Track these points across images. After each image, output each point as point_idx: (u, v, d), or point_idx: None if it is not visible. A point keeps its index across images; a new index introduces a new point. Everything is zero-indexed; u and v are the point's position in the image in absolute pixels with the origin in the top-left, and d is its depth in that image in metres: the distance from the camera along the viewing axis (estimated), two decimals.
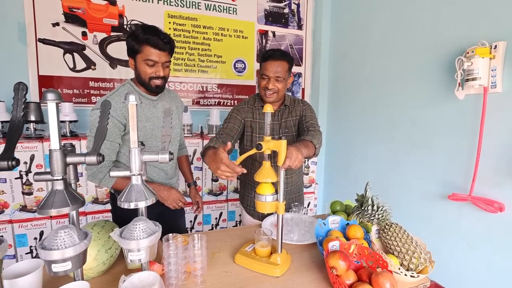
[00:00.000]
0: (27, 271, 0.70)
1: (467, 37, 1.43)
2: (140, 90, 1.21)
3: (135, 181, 0.66)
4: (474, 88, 1.35)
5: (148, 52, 1.10)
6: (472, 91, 1.38)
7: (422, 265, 0.94)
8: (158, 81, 1.17)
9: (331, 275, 0.85)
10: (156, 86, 1.17)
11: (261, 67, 1.33)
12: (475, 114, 1.39)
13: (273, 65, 1.27)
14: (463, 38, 1.45)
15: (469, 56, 1.33)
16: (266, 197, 0.94)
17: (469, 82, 1.33)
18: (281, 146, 0.91)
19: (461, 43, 1.44)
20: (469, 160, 1.43)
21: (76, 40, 1.94)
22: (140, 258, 0.66)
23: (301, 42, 2.64)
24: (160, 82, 1.18)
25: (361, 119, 2.18)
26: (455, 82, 1.41)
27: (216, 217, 2.21)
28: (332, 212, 1.26)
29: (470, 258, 1.47)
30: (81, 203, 0.61)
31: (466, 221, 1.47)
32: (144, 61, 1.12)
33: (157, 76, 1.15)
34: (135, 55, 1.13)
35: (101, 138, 0.65)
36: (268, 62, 1.29)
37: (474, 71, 1.30)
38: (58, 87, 1.94)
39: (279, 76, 1.28)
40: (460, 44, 1.45)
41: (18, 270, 0.71)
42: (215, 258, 1.01)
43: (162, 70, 1.15)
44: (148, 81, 1.16)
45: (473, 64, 1.30)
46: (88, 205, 1.80)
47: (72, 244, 0.60)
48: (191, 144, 2.04)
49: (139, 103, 0.63)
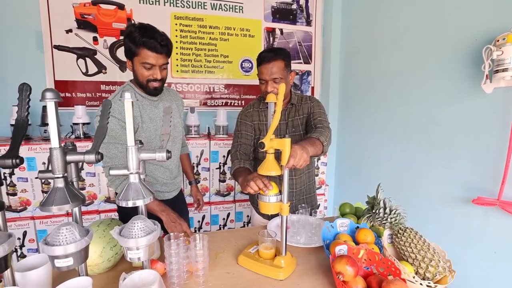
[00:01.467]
0: (38, 265, 0.74)
1: (496, 23, 1.32)
2: (140, 92, 1.23)
3: (132, 180, 0.69)
4: (505, 80, 1.25)
5: (145, 55, 1.11)
6: (502, 84, 1.27)
7: (440, 274, 0.88)
8: (156, 83, 1.18)
9: (337, 281, 0.83)
10: (154, 88, 1.19)
11: (258, 72, 1.32)
12: (505, 109, 1.29)
13: (267, 67, 1.25)
14: (491, 24, 1.34)
15: (499, 45, 1.23)
16: (270, 198, 0.94)
17: (498, 73, 1.23)
18: (285, 145, 0.91)
19: (489, 31, 1.33)
20: (497, 161, 1.33)
21: (88, 45, 2.05)
22: (139, 257, 0.68)
23: (310, 39, 2.60)
24: (158, 84, 1.19)
25: (375, 118, 2.12)
26: (481, 74, 1.31)
27: (223, 217, 2.24)
28: (341, 214, 1.23)
29: (498, 268, 1.37)
30: (81, 201, 0.64)
31: (493, 227, 1.38)
32: (141, 64, 1.13)
33: (154, 78, 1.16)
34: (132, 57, 1.14)
35: (101, 137, 0.68)
36: (262, 66, 1.28)
37: (506, 61, 1.20)
38: (72, 91, 2.05)
39: (275, 77, 1.25)
40: (487, 31, 1.34)
41: (30, 264, 0.76)
42: (218, 259, 1.02)
43: (160, 73, 1.16)
44: (146, 84, 1.17)
45: (504, 53, 1.20)
46: (100, 204, 1.89)
47: (73, 241, 0.63)
48: (198, 145, 2.08)
49: (134, 100, 0.65)
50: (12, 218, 1.76)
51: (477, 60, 1.38)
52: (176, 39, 2.24)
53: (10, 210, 1.75)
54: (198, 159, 2.11)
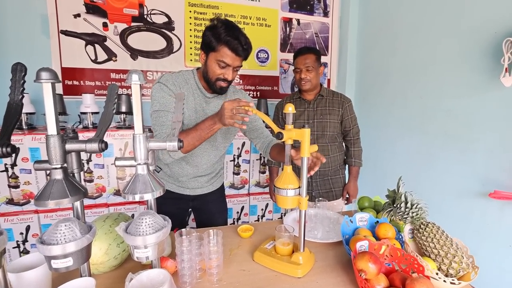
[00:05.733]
0: (35, 265, 0.64)
1: None
2: (200, 84, 1.13)
3: (140, 171, 0.58)
4: None
5: (224, 54, 1.01)
6: None
7: (464, 270, 0.80)
8: (224, 83, 1.08)
9: (359, 279, 0.73)
10: (221, 88, 1.10)
11: (294, 64, 1.57)
12: None
13: (302, 58, 1.51)
14: (511, 17, 1.24)
15: None
16: (288, 191, 0.84)
17: None
18: (304, 135, 0.80)
19: (509, 24, 1.23)
20: None
21: (97, 31, 1.90)
22: (147, 256, 0.58)
23: (327, 30, 2.43)
24: (226, 85, 1.09)
25: (391, 111, 1.99)
26: (500, 68, 1.23)
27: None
28: (360, 208, 1.13)
29: None
30: (82, 194, 0.53)
31: (509, 221, 1.29)
32: (216, 61, 1.03)
33: (224, 78, 1.06)
34: (209, 51, 1.04)
35: (106, 124, 0.57)
36: (298, 57, 1.53)
37: None
38: (80, 79, 1.92)
39: (308, 66, 1.49)
40: (507, 24, 1.24)
41: (26, 264, 0.66)
42: (233, 255, 0.92)
43: (231, 74, 1.07)
44: (214, 81, 1.08)
45: None
46: (110, 197, 1.78)
47: (73, 239, 0.53)
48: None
49: (143, 83, 0.54)
50: (14, 212, 1.61)
51: (496, 53, 1.28)
52: (190, 27, 2.09)
53: (12, 203, 1.60)
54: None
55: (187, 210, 1.34)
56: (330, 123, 1.55)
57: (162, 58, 2.07)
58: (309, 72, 1.50)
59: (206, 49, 1.05)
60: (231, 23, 1.03)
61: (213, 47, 1.01)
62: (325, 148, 1.58)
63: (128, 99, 1.83)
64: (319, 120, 1.56)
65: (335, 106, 1.57)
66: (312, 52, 1.52)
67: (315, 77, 1.52)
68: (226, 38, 0.99)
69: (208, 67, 1.06)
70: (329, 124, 1.55)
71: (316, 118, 1.56)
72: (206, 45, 1.04)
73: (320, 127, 1.55)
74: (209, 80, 1.08)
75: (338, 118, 1.56)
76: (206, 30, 1.03)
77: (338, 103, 1.57)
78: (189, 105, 1.11)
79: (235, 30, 1.01)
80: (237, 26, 1.04)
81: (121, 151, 1.74)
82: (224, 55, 1.01)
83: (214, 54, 1.03)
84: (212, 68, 1.05)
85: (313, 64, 1.50)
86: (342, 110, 1.57)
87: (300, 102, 1.61)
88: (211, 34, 1.01)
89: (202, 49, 1.08)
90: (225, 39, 0.99)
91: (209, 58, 1.05)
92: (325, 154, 1.58)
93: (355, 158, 1.64)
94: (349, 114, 1.58)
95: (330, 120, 1.55)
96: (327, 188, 1.64)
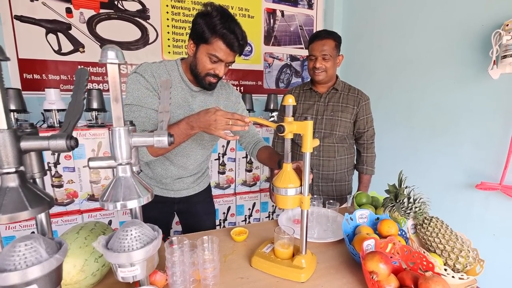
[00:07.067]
0: None
1: (503, 8, 1.24)
2: (185, 76, 1.01)
3: (122, 173, 0.47)
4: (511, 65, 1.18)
5: (218, 48, 0.91)
6: (508, 70, 1.22)
7: (470, 264, 0.79)
8: (214, 79, 0.98)
9: (371, 281, 0.68)
10: (209, 84, 0.99)
11: (309, 49, 1.34)
12: (511, 95, 1.23)
13: (319, 44, 1.28)
14: (498, 10, 1.26)
15: (508, 29, 1.16)
16: (288, 191, 0.77)
17: (506, 59, 1.17)
18: (307, 128, 0.73)
19: (497, 16, 1.25)
20: (500, 146, 1.28)
21: (59, 18, 1.69)
22: (134, 275, 0.48)
23: (312, 23, 2.40)
24: (215, 80, 0.99)
25: (376, 105, 1.99)
26: (487, 60, 1.26)
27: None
28: (358, 205, 1.09)
29: (496, 249, 1.34)
30: (47, 205, 0.42)
31: (493, 211, 1.34)
32: (208, 54, 0.92)
33: (215, 74, 0.96)
34: (200, 43, 0.92)
35: (75, 116, 0.46)
36: (314, 42, 1.30)
37: None
38: (42, 72, 1.71)
39: (325, 54, 1.27)
40: (495, 16, 1.26)
41: None
42: (228, 262, 0.83)
43: (223, 69, 0.97)
44: (203, 76, 0.97)
45: None
46: (83, 203, 1.60)
47: (37, 261, 0.41)
48: None
49: (122, 62, 0.43)
50: None
51: (484, 46, 1.31)
52: (167, 16, 1.94)
53: None
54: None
55: (172, 213, 1.23)
56: (341, 122, 1.35)
57: (137, 49, 1.91)
58: (326, 61, 1.28)
59: (196, 39, 0.93)
60: (226, 12, 0.92)
61: (205, 38, 0.90)
62: (331, 148, 1.38)
63: (100, 94, 1.66)
64: (329, 117, 1.35)
65: (349, 103, 1.36)
66: (332, 37, 1.28)
67: (332, 68, 1.30)
68: (222, 31, 0.88)
69: (198, 60, 0.95)
70: (340, 122, 1.35)
71: (326, 115, 1.36)
72: (197, 35, 0.91)
73: (329, 125, 1.35)
74: (197, 74, 0.97)
75: (351, 117, 1.36)
76: (198, 17, 0.91)
77: (353, 100, 1.36)
78: (173, 100, 0.99)
79: (231, 22, 0.90)
80: (233, 17, 0.93)
81: (94, 152, 1.58)
82: (218, 49, 0.90)
83: (206, 46, 0.91)
84: (202, 62, 0.94)
85: (331, 52, 1.27)
86: (357, 109, 1.36)
87: (311, 94, 1.41)
88: (204, 23, 0.89)
89: (191, 38, 0.95)
90: (220, 31, 0.88)
91: (199, 50, 0.93)
92: (331, 155, 1.39)
93: (368, 166, 1.44)
94: (365, 114, 1.38)
95: (341, 118, 1.35)
96: (330, 194, 1.45)
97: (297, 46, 2.38)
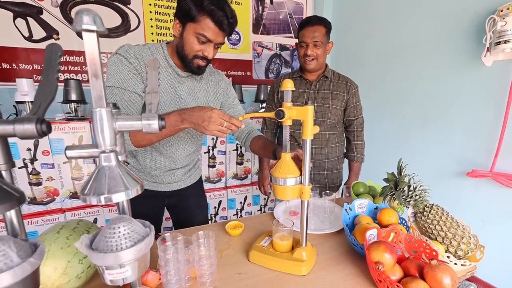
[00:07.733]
0: None
1: None
2: (171, 60, 0.94)
3: (105, 162, 0.41)
4: (505, 52, 1.18)
5: (206, 26, 0.84)
6: (501, 57, 1.22)
7: (472, 251, 0.79)
8: (203, 62, 0.91)
9: (376, 271, 0.66)
10: (198, 67, 0.92)
11: (299, 36, 1.32)
12: (503, 83, 1.23)
13: (310, 30, 1.26)
14: None
15: (502, 15, 1.15)
16: (287, 181, 0.73)
17: (499, 45, 1.16)
18: (307, 113, 0.69)
19: (490, 1, 1.24)
20: (491, 134, 1.29)
21: (28, 1, 1.54)
22: (125, 277, 0.43)
23: (301, 11, 2.33)
24: (204, 63, 0.92)
25: (368, 94, 1.98)
26: (480, 48, 1.25)
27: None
28: (355, 194, 1.07)
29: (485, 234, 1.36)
30: (16, 201, 0.36)
31: (482, 198, 1.36)
32: (195, 34, 0.85)
33: (204, 56, 0.90)
34: (187, 21, 0.85)
35: (47, 97, 0.40)
36: (305, 28, 1.27)
37: (508, 32, 1.13)
38: (12, 61, 1.56)
39: (316, 41, 1.26)
40: (488, 2, 1.25)
41: None
42: (224, 257, 0.79)
43: (212, 51, 0.91)
44: (191, 58, 0.90)
45: (507, 23, 1.12)
46: (65, 201, 1.50)
47: (7, 267, 0.35)
48: None
49: (102, 30, 0.37)
50: None
51: (477, 33, 1.30)
52: (149, 1, 1.82)
53: None
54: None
55: (162, 208, 1.16)
56: (332, 109, 1.35)
57: (117, 37, 1.79)
58: (317, 48, 1.26)
59: (182, 17, 0.86)
60: None
61: (192, 16, 0.83)
62: (322, 136, 1.40)
63: (79, 85, 1.54)
64: (319, 104, 1.36)
65: (340, 91, 1.36)
66: (322, 23, 1.26)
67: (322, 55, 1.30)
68: (210, 8, 0.82)
69: (185, 41, 0.88)
70: (330, 110, 1.35)
71: (317, 102, 1.36)
72: (183, 12, 0.84)
73: (320, 113, 1.36)
74: (184, 56, 0.90)
75: (341, 105, 1.37)
76: None
77: (343, 87, 1.37)
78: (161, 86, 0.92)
79: None
80: None
81: None
82: (206, 27, 0.84)
83: (193, 25, 0.85)
84: (190, 43, 0.87)
85: (322, 39, 1.26)
86: (347, 96, 1.37)
87: (301, 82, 1.40)
88: (191, 0, 0.82)
89: (177, 17, 0.88)
90: (208, 8, 0.82)
91: (186, 30, 0.86)
92: (322, 144, 1.41)
93: (358, 153, 1.46)
94: (355, 101, 1.39)
95: (332, 106, 1.35)
96: (322, 183, 1.46)
97: (287, 35, 2.32)
